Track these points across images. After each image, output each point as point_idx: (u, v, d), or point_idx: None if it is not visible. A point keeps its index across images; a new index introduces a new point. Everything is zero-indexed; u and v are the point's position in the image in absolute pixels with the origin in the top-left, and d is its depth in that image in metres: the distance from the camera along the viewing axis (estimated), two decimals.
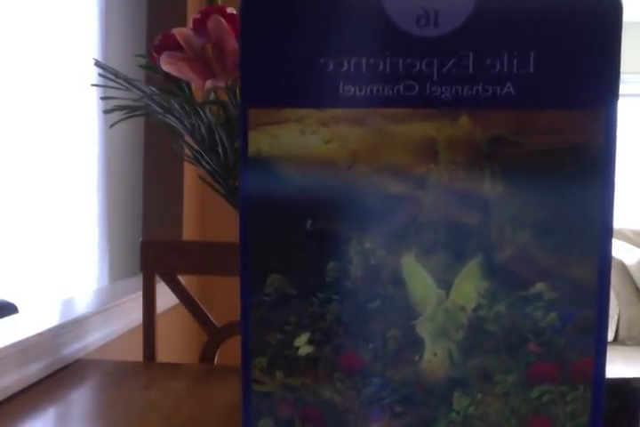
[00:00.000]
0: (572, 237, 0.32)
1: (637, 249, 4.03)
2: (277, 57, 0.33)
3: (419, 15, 0.32)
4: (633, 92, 4.65)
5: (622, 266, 3.97)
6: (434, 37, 0.32)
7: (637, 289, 3.95)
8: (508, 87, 0.32)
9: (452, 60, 0.32)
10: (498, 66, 0.32)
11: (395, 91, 0.32)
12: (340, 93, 0.33)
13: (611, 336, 3.89)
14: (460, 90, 0.32)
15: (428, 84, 0.32)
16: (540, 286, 0.32)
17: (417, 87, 0.32)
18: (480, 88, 0.32)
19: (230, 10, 0.73)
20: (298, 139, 0.33)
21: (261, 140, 0.33)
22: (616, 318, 3.91)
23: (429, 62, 0.32)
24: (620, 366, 3.31)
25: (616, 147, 0.31)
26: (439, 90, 0.32)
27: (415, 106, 0.32)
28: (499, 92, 0.32)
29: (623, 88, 4.62)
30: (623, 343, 3.86)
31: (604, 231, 0.32)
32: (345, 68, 0.32)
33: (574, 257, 0.32)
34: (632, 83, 4.61)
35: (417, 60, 0.32)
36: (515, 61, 0.32)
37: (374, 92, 0.32)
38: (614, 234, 4.22)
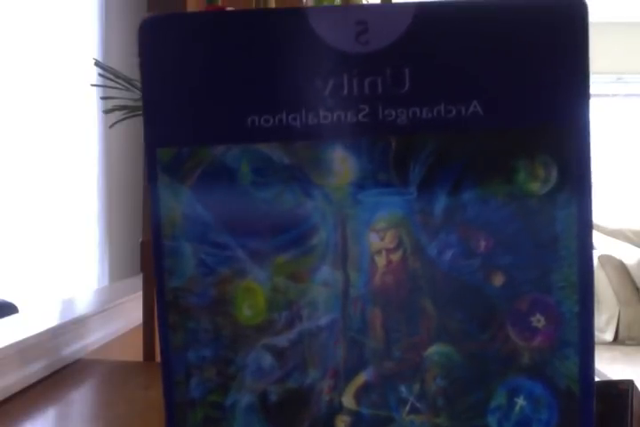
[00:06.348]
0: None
1: (637, 249, 4.03)
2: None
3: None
4: (633, 92, 4.65)
5: (622, 266, 3.97)
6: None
7: (637, 289, 3.95)
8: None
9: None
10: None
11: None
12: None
13: (611, 336, 3.89)
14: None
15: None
16: None
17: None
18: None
19: (230, 10, 0.73)
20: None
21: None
22: (616, 318, 3.91)
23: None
24: (620, 366, 3.31)
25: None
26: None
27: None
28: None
29: (623, 88, 4.62)
30: (623, 343, 3.85)
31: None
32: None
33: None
34: (632, 83, 4.61)
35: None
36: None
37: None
38: (614, 234, 4.21)
